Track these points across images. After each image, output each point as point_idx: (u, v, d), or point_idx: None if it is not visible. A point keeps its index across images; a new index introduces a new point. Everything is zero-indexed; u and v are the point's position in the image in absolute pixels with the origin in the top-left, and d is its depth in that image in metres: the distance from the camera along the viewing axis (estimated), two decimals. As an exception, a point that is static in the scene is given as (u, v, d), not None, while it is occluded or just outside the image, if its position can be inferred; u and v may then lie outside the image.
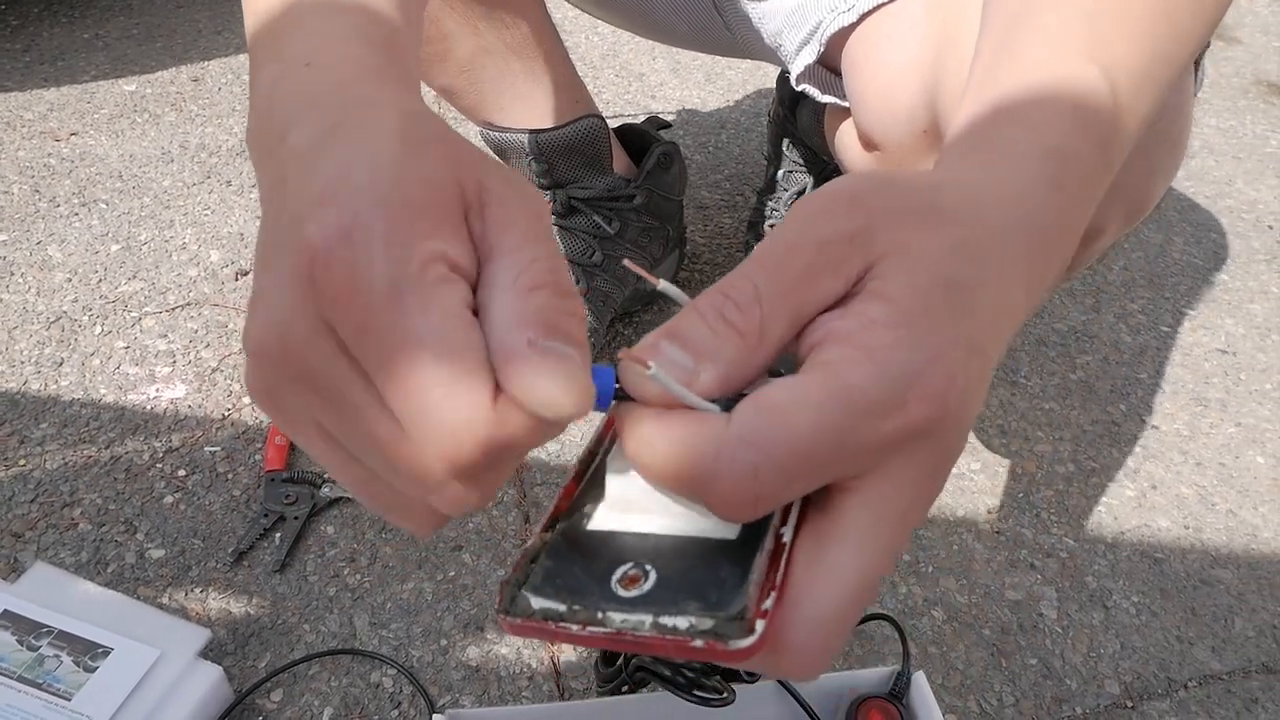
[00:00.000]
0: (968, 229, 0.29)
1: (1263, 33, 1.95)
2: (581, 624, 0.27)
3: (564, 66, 0.92)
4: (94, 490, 0.86)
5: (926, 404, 0.26)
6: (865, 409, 0.26)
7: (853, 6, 0.69)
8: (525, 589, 0.28)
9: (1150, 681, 0.77)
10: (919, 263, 0.28)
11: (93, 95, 1.48)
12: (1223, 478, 0.96)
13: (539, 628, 0.27)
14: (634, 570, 0.28)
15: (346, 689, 0.73)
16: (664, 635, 0.26)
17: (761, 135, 1.48)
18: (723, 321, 0.27)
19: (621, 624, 0.27)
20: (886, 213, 0.28)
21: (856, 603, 0.27)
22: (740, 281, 0.28)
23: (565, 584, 0.28)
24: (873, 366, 0.26)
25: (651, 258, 1.04)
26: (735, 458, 0.25)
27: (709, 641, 0.25)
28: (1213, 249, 1.31)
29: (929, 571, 0.84)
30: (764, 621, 0.26)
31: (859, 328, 0.27)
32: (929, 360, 0.26)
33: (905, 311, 0.27)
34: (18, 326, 1.03)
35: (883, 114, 0.67)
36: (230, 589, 0.79)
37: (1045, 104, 0.34)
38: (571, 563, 0.29)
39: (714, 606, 0.26)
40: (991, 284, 0.29)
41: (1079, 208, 0.34)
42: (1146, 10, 0.38)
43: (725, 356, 0.27)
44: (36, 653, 0.67)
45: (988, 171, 0.33)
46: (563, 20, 1.69)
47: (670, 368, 0.27)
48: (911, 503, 0.28)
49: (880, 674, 0.62)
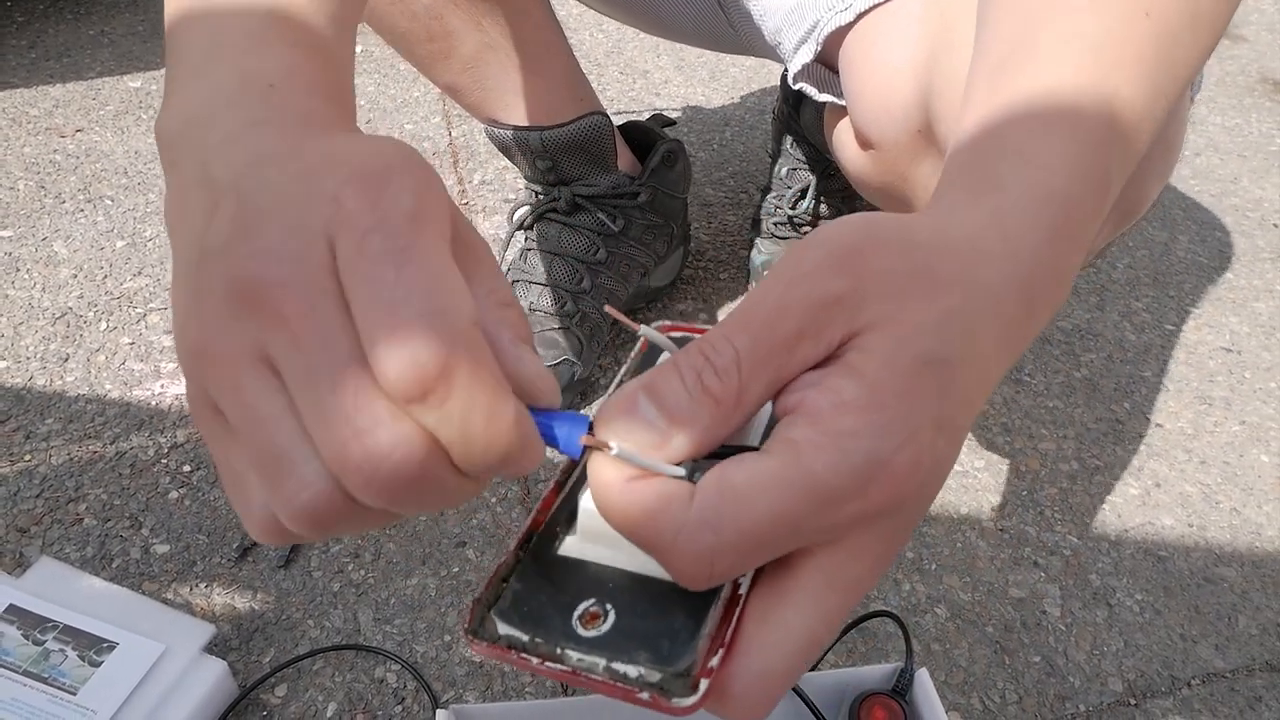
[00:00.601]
0: (961, 298, 0.29)
1: (1269, 31, 1.95)
2: (541, 658, 0.28)
3: (568, 63, 0.92)
4: (99, 485, 0.86)
5: (889, 489, 0.27)
6: (825, 498, 0.26)
7: (850, 5, 0.69)
8: (494, 611, 0.30)
9: (1154, 679, 0.77)
10: (903, 340, 0.27)
11: (98, 92, 1.48)
12: (1227, 476, 0.96)
13: (502, 654, 0.29)
14: (595, 608, 0.29)
15: (350, 684, 0.73)
16: (614, 681, 0.27)
17: (765, 132, 1.48)
18: (700, 387, 0.27)
19: (577, 663, 0.28)
20: (879, 275, 0.28)
21: (802, 659, 0.28)
22: (722, 345, 0.28)
23: (530, 612, 0.29)
24: (837, 455, 0.26)
25: (656, 255, 1.04)
26: (694, 538, 0.26)
27: (654, 695, 0.27)
28: (1217, 247, 1.31)
29: (932, 569, 0.84)
30: (707, 681, 0.27)
31: (830, 407, 0.27)
32: (896, 448, 0.26)
33: (879, 394, 0.27)
34: (23, 322, 1.04)
35: (878, 113, 0.67)
36: (235, 584, 0.79)
37: (1049, 141, 0.34)
38: (538, 589, 0.30)
39: (663, 660, 0.27)
40: (972, 357, 0.29)
41: (1074, 255, 0.33)
42: (1151, 40, 0.37)
43: (700, 424, 0.27)
44: (42, 647, 0.67)
45: (987, 219, 0.32)
46: (567, 17, 1.69)
47: (644, 428, 0.27)
48: (866, 570, 0.29)
49: (883, 671, 0.62)
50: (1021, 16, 0.40)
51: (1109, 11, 0.37)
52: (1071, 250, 0.33)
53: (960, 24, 0.58)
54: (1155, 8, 0.38)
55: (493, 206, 1.26)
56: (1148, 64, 0.37)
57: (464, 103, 0.94)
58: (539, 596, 0.30)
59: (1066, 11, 0.38)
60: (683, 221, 1.08)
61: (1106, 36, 0.37)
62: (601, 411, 0.28)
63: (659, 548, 0.27)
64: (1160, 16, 0.38)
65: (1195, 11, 0.39)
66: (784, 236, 1.13)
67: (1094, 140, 0.34)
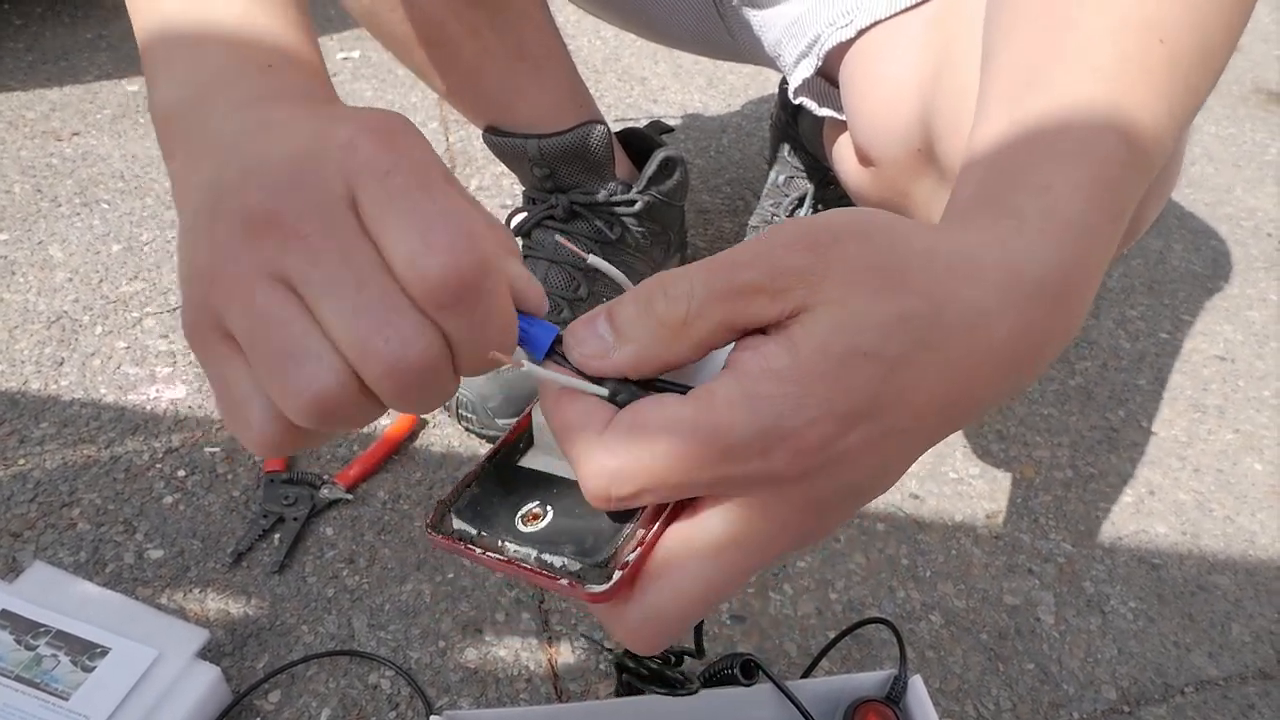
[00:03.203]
0: (925, 305, 0.29)
1: (1263, 41, 1.96)
2: (484, 549, 0.32)
3: (567, 71, 0.92)
4: (93, 490, 0.86)
5: (793, 458, 0.28)
6: (725, 450, 0.28)
7: (851, 22, 0.70)
8: (452, 510, 0.33)
9: (1147, 687, 0.78)
10: (842, 326, 0.28)
11: (95, 95, 1.48)
12: (1220, 484, 0.96)
13: (452, 545, 0.32)
14: (537, 509, 0.33)
15: (344, 690, 0.73)
16: (541, 570, 0.31)
17: (763, 140, 1.48)
18: (649, 309, 0.30)
19: (514, 554, 0.31)
20: (843, 261, 0.29)
21: (698, 603, 0.30)
22: (680, 277, 0.30)
23: (482, 511, 0.33)
24: (746, 413, 0.28)
25: (653, 262, 1.04)
26: (595, 458, 0.29)
27: (572, 581, 0.30)
28: (1212, 256, 1.31)
29: (927, 576, 0.84)
30: (621, 573, 0.29)
31: (756, 370, 0.28)
32: (806, 423, 0.28)
33: (803, 370, 0.28)
34: (19, 326, 1.03)
35: (878, 131, 0.67)
36: (229, 590, 0.79)
37: (1066, 170, 0.34)
38: (494, 493, 0.34)
39: (585, 553, 0.30)
40: (925, 365, 0.29)
41: (1085, 285, 0.33)
42: (1165, 67, 0.37)
43: (640, 340, 0.30)
44: (34, 652, 0.67)
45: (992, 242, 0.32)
46: (565, 24, 1.69)
47: (594, 339, 0.31)
48: (775, 532, 0.30)
49: (877, 678, 0.62)
50: (1034, 43, 0.40)
51: (1124, 39, 0.37)
52: (1083, 279, 0.33)
53: (961, 44, 0.58)
54: (1169, 35, 0.38)
55: (490, 212, 1.26)
56: (1162, 91, 0.37)
57: (462, 109, 0.94)
58: (493, 499, 0.34)
59: (1082, 38, 0.38)
60: (680, 229, 1.08)
61: (1122, 64, 0.37)
62: (570, 324, 0.32)
63: (571, 459, 0.30)
64: (1174, 43, 0.38)
65: (1207, 38, 0.39)
66: (780, 243, 1.14)
67: (1110, 169, 0.34)
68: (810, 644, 0.78)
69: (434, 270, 0.29)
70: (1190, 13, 0.38)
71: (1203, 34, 0.39)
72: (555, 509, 0.33)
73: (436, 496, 0.88)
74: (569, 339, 0.31)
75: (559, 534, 0.32)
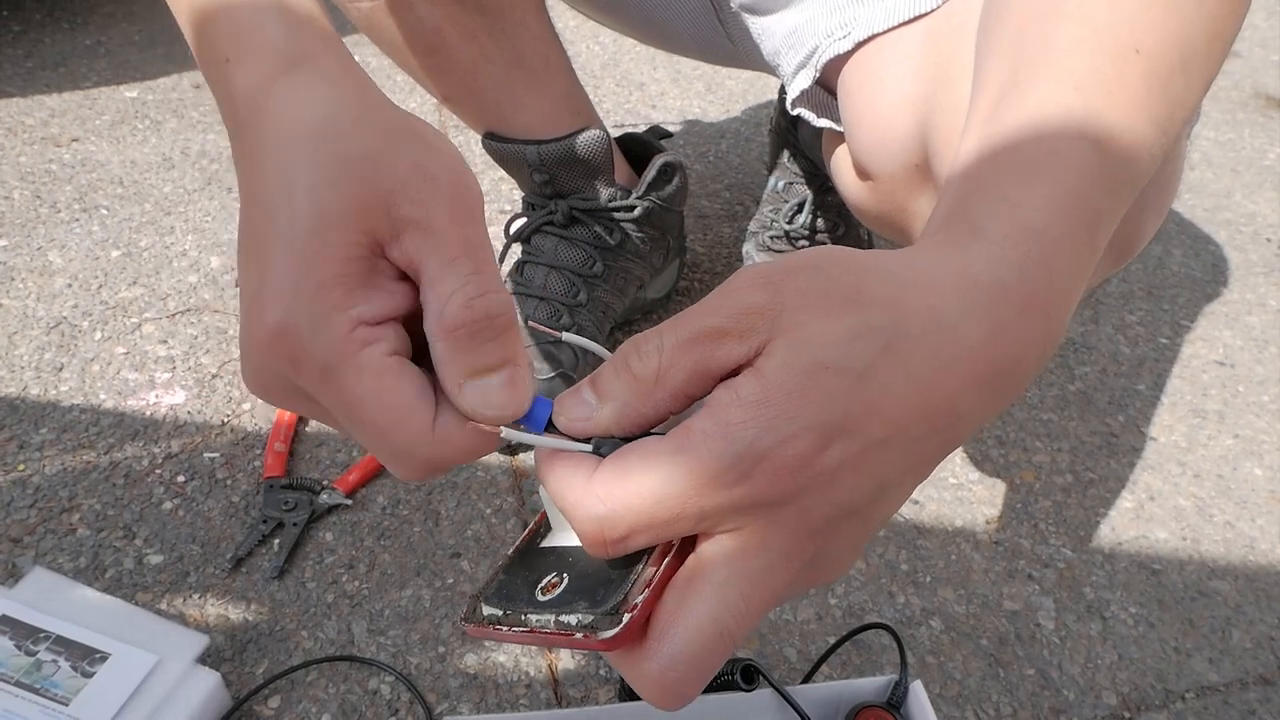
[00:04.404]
0: (884, 316, 0.30)
1: (1261, 46, 1.96)
2: (510, 625, 0.33)
3: (566, 77, 0.92)
4: (93, 496, 0.86)
5: (774, 478, 0.29)
6: (706, 479, 0.28)
7: (849, 34, 0.70)
8: (482, 599, 0.35)
9: (1147, 692, 0.77)
10: (803, 345, 0.29)
11: (94, 101, 1.48)
12: (1220, 489, 0.96)
13: (484, 631, 0.34)
14: (554, 579, 0.34)
15: (344, 695, 0.73)
16: (560, 631, 0.31)
17: (762, 145, 1.49)
18: (625, 367, 0.31)
19: (535, 623, 0.32)
20: (800, 295, 0.30)
21: (711, 648, 0.30)
22: (651, 334, 0.31)
23: (507, 593, 0.34)
24: (722, 442, 0.28)
25: (652, 267, 1.04)
26: (585, 505, 0.30)
27: (586, 634, 0.30)
28: (1211, 261, 1.31)
29: (927, 581, 0.84)
30: (630, 615, 0.30)
31: (727, 401, 0.29)
32: (779, 441, 0.28)
33: (770, 392, 0.29)
34: (18, 331, 1.03)
35: (876, 146, 0.67)
36: (228, 595, 0.79)
37: (1030, 181, 0.34)
38: (517, 577, 0.35)
39: (596, 605, 0.31)
40: (894, 373, 0.29)
41: (1059, 293, 0.33)
42: (1142, 78, 0.37)
43: (620, 398, 0.31)
44: (34, 658, 0.67)
45: (949, 254, 0.33)
46: (564, 29, 1.69)
47: (579, 404, 0.32)
48: (776, 563, 0.30)
49: (878, 683, 0.62)
50: (1012, 58, 0.40)
51: (1098, 50, 0.37)
52: (1049, 287, 0.33)
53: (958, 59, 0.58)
54: (1146, 45, 0.38)
55: (489, 218, 1.26)
56: (1139, 101, 0.37)
57: (460, 114, 0.94)
58: (516, 581, 0.35)
59: (1056, 51, 0.38)
60: (679, 234, 1.08)
61: (1095, 74, 0.37)
62: (556, 398, 0.33)
63: (565, 514, 0.31)
64: (1151, 54, 0.38)
65: (1189, 46, 0.39)
66: (780, 250, 1.14)
67: (1080, 178, 0.34)
68: (810, 649, 0.78)
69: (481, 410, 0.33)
70: (1169, 22, 0.38)
71: (1184, 42, 0.39)
72: (570, 575, 0.33)
73: (436, 501, 0.88)
74: (557, 410, 0.33)
75: (574, 595, 0.32)
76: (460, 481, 0.90)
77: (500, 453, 0.93)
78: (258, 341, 0.33)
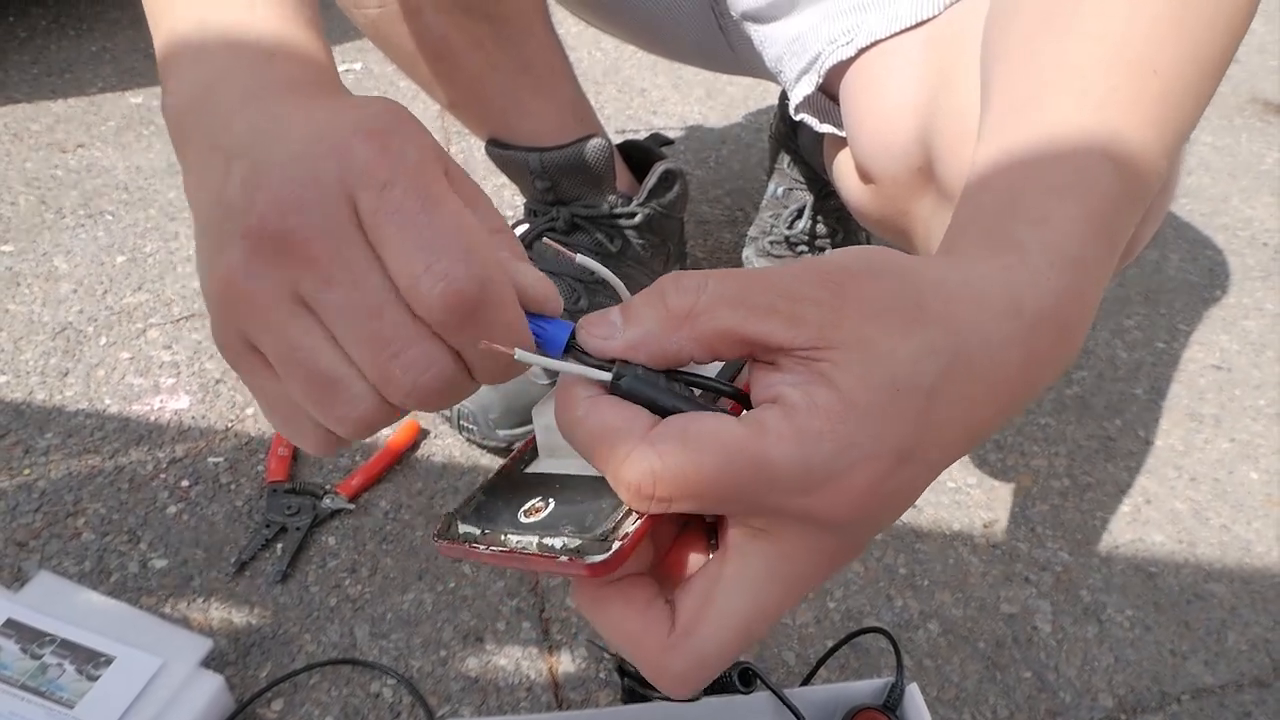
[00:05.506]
0: (946, 336, 0.29)
1: (1258, 52, 1.97)
2: (487, 544, 0.32)
3: (570, 85, 0.93)
4: (98, 500, 0.87)
5: (839, 502, 0.28)
6: (772, 481, 0.28)
7: (851, 41, 0.70)
8: (458, 518, 0.34)
9: (1144, 695, 0.78)
10: (876, 362, 0.28)
11: (100, 107, 1.49)
12: (1216, 493, 0.97)
13: (458, 548, 0.33)
14: (539, 503, 0.33)
15: (347, 699, 0.73)
16: (543, 554, 0.30)
17: (762, 151, 1.49)
18: (659, 297, 0.30)
19: (515, 544, 0.31)
20: (860, 300, 0.29)
21: (736, 645, 0.30)
22: (695, 274, 0.30)
23: (487, 514, 0.34)
24: (798, 450, 0.28)
25: (653, 273, 1.05)
26: (643, 457, 0.28)
27: (572, 557, 0.29)
28: (1208, 266, 1.32)
29: (924, 584, 0.85)
30: (620, 543, 0.29)
31: (805, 406, 0.28)
32: (852, 465, 0.28)
33: (850, 407, 0.28)
34: (24, 336, 1.04)
35: (878, 149, 0.68)
36: (232, 599, 0.79)
37: (1064, 204, 0.34)
38: (498, 498, 0.34)
39: (584, 529, 0.30)
40: (953, 395, 0.29)
41: (1082, 316, 0.34)
42: (1158, 97, 0.38)
43: (644, 324, 0.30)
44: (40, 661, 0.67)
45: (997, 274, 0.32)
46: (566, 36, 1.70)
47: (603, 323, 0.31)
48: (809, 573, 0.30)
49: (874, 686, 0.63)
50: (1027, 68, 0.40)
51: (1117, 70, 0.38)
52: (1079, 312, 0.33)
53: (960, 64, 0.58)
54: (1162, 65, 0.38)
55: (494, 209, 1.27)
56: (1155, 121, 0.38)
57: (464, 121, 0.95)
58: (497, 502, 0.34)
59: (1076, 69, 0.38)
60: (679, 240, 1.09)
61: (1114, 94, 0.37)
62: (583, 317, 0.32)
63: (608, 458, 0.29)
64: (1167, 74, 0.38)
65: (1200, 66, 0.40)
66: (780, 255, 1.15)
67: (1105, 202, 0.35)
68: (808, 652, 0.79)
69: (435, 295, 0.30)
70: (1184, 42, 0.39)
71: (1196, 63, 0.39)
72: (557, 500, 0.33)
73: (438, 506, 0.89)
74: (582, 326, 0.32)
75: (559, 519, 0.32)
76: (462, 485, 0.91)
77: (499, 456, 0.94)
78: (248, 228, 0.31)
